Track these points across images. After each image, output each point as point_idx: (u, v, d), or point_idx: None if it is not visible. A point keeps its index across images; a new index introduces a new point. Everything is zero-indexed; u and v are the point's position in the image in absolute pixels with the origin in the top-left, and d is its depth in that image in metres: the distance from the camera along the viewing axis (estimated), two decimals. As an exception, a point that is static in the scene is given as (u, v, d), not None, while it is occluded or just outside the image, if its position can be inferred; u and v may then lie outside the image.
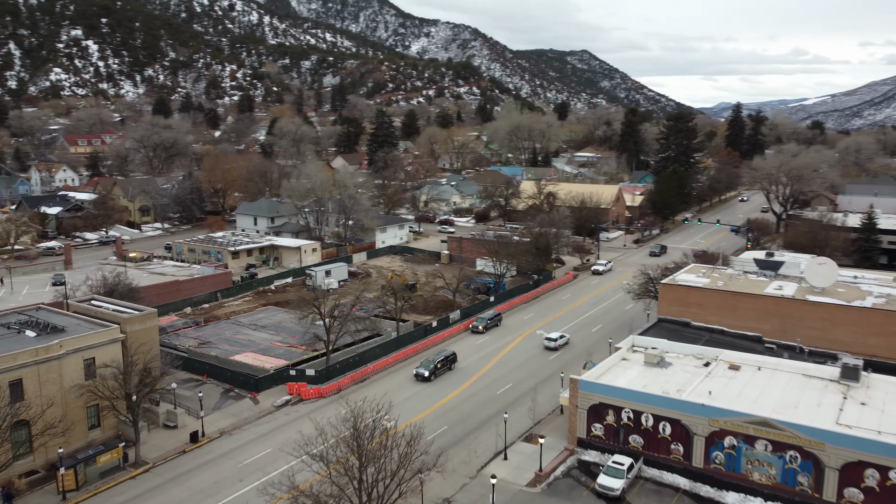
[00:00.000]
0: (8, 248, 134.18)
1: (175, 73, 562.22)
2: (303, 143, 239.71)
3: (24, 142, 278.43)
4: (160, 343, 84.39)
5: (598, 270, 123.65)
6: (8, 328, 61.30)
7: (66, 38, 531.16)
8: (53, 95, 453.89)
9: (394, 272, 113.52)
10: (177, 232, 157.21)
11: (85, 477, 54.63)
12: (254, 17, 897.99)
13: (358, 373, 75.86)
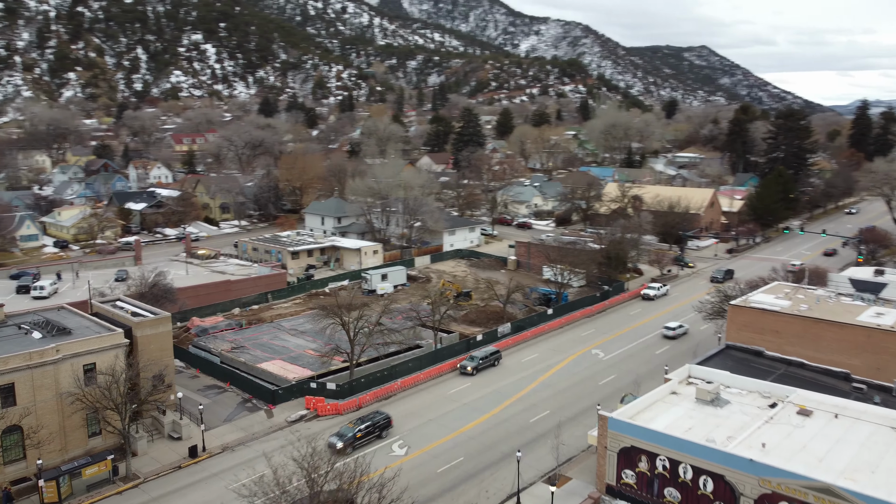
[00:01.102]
0: (92, 242, 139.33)
1: (285, 74, 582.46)
2: (390, 142, 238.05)
3: (137, 140, 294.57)
4: (195, 345, 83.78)
5: (648, 295, 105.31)
6: (19, 328, 60.30)
7: (187, 42, 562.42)
8: (172, 97, 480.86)
9: (446, 279, 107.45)
10: (253, 230, 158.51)
11: (71, 489, 52.20)
12: (364, 18, 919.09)
13: (383, 389, 70.45)
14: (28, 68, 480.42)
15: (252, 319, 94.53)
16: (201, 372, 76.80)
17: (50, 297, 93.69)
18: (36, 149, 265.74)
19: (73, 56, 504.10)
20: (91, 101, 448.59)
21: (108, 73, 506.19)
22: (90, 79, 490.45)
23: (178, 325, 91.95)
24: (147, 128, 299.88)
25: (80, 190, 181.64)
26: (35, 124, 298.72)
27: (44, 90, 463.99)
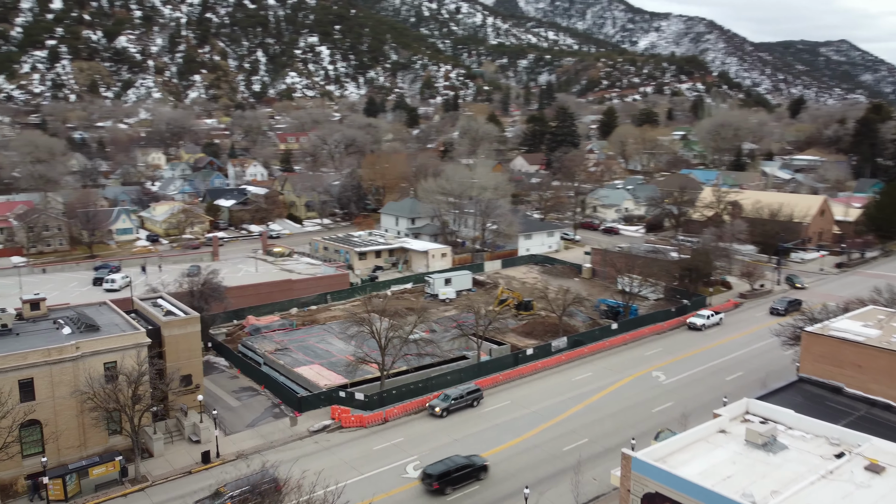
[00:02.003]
0: (180, 237, 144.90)
1: (394, 74, 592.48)
2: (484, 142, 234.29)
3: (246, 139, 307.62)
4: (243, 344, 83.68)
5: (695, 325, 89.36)
6: (53, 323, 61.55)
7: (303, 44, 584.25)
8: (286, 97, 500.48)
9: (505, 287, 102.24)
10: (334, 228, 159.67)
11: (79, 488, 52.23)
12: (478, 18, 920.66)
13: (414, 402, 66.80)
14: (159, 71, 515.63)
15: (307, 320, 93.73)
16: (242, 373, 76.34)
17: (120, 291, 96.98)
18: (155, 146, 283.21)
19: (200, 59, 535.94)
20: (212, 102, 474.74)
21: (229, 75, 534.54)
22: (213, 81, 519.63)
23: (234, 323, 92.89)
24: (255, 127, 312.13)
25: (182, 186, 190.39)
26: (157, 124, 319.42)
27: (171, 92, 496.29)
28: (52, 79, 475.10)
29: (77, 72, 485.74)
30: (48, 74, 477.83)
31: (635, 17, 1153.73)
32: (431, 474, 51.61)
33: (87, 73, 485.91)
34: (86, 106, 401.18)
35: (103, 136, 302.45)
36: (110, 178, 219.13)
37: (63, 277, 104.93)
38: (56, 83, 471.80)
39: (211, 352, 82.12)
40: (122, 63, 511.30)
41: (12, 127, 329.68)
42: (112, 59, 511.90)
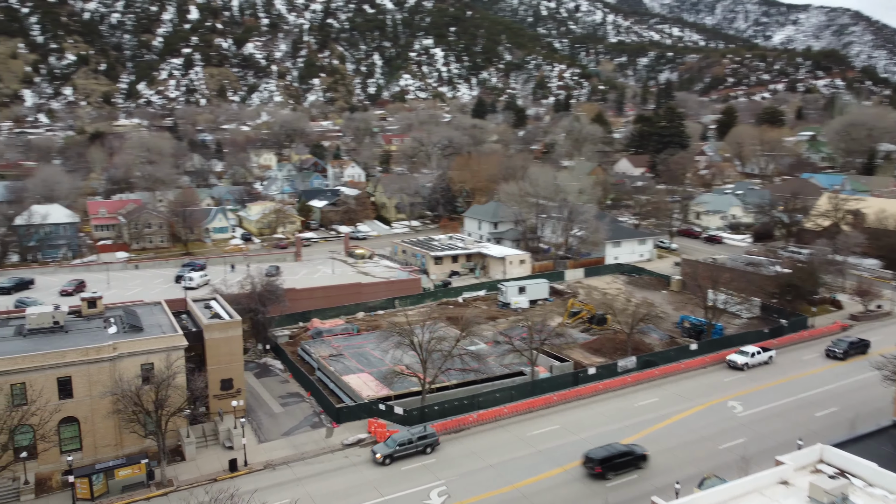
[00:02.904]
0: (271, 236, 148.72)
1: (507, 75, 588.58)
2: (587, 143, 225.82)
3: (354, 140, 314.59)
4: (302, 348, 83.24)
5: (735, 363, 75.76)
6: (104, 321, 63.11)
7: (418, 47, 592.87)
8: (399, 99, 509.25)
9: (576, 299, 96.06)
10: (422, 230, 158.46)
11: (106, 488, 52.75)
12: (597, 16, 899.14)
13: (455, 420, 63.14)
14: (282, 76, 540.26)
15: (371, 325, 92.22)
16: (294, 377, 75.72)
17: (198, 289, 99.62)
18: (269, 148, 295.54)
19: (319, 63, 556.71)
20: (329, 105, 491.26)
21: (346, 79, 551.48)
22: (331, 84, 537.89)
23: (299, 325, 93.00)
24: (363, 129, 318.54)
25: (283, 186, 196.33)
26: (273, 126, 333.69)
27: (292, 95, 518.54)
28: (186, 84, 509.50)
29: (208, 77, 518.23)
30: (182, 80, 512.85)
31: (770, 10, 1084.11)
32: (594, 458, 53.08)
33: (216, 79, 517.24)
34: (213, 109, 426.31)
35: (225, 137, 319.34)
36: (223, 179, 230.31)
37: (151, 274, 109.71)
38: (189, 88, 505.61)
39: (269, 354, 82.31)
40: (249, 68, 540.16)
41: (148, 129, 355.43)
42: (240, 65, 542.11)
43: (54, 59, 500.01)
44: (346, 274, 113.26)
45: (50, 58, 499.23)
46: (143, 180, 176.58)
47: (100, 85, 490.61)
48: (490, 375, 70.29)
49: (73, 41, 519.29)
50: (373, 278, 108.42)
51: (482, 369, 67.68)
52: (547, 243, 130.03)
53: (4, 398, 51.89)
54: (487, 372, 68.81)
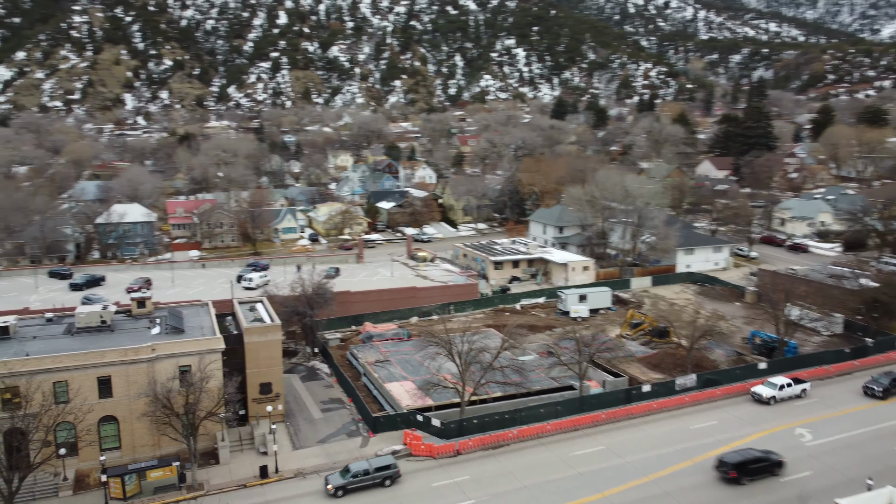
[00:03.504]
0: (337, 237, 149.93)
1: (590, 74, 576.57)
2: (666, 144, 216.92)
3: (429, 142, 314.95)
4: (350, 352, 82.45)
5: (760, 396, 66.92)
6: (149, 321, 64.10)
7: (500, 47, 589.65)
8: (479, 100, 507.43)
9: (635, 310, 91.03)
10: (488, 234, 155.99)
11: (139, 489, 53.24)
12: (688, 13, 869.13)
13: (493, 436, 60.50)
14: (364, 78, 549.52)
15: (423, 331, 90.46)
16: (338, 382, 74.98)
17: (257, 289, 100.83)
18: (346, 149, 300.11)
19: (401, 65, 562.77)
20: (409, 106, 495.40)
21: (428, 80, 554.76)
22: (412, 86, 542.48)
23: (351, 329, 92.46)
24: (439, 130, 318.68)
25: (354, 187, 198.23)
26: (353, 128, 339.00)
27: (373, 97, 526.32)
28: (273, 87, 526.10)
29: (294, 80, 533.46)
30: (270, 83, 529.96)
31: (879, 2, 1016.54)
32: (728, 462, 52.70)
33: (302, 82, 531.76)
34: (297, 111, 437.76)
35: (306, 139, 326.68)
36: (300, 179, 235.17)
37: (216, 273, 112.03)
38: (275, 91, 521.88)
39: (317, 357, 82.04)
40: (333, 71, 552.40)
41: (236, 131, 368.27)
42: (324, 67, 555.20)
43: (153, 64, 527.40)
44: (405, 277, 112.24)
45: (149, 63, 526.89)
46: (222, 181, 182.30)
47: (193, 88, 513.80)
48: (533, 389, 67.17)
49: (170, 47, 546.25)
50: (429, 282, 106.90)
51: (523, 383, 64.53)
52: (615, 249, 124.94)
53: (47, 395, 53.08)
54: (528, 386, 65.56)
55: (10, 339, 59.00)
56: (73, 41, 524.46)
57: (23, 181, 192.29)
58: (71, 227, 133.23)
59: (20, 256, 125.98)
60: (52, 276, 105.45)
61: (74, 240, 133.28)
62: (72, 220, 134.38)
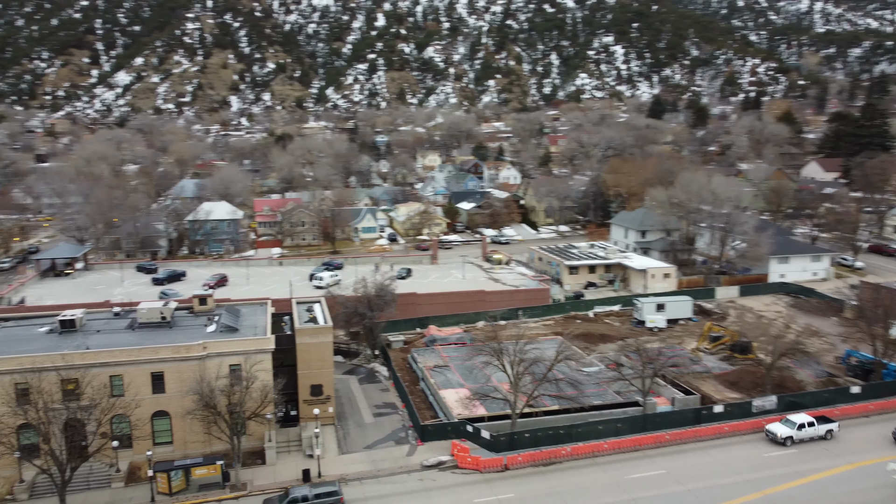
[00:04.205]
0: (415, 237, 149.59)
1: (693, 71, 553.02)
2: (768, 144, 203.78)
3: (517, 142, 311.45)
4: (411, 356, 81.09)
5: (774, 436, 59.01)
6: (208, 318, 65.04)
7: (597, 45, 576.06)
8: (574, 99, 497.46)
9: (715, 322, 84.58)
10: (570, 236, 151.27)
11: (186, 485, 53.88)
12: (803, 4, 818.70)
13: (545, 452, 57.37)
14: (458, 78, 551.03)
15: (487, 336, 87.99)
16: (395, 386, 73.80)
17: (327, 288, 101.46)
18: (435, 149, 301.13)
19: (495, 65, 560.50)
20: (502, 106, 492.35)
21: (522, 79, 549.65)
22: (506, 85, 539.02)
23: (416, 331, 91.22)
24: (529, 130, 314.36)
25: (437, 188, 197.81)
26: (443, 128, 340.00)
27: (467, 97, 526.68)
28: (369, 88, 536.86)
29: (389, 81, 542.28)
30: (366, 85, 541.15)
31: None
32: None
33: (397, 83, 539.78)
34: (391, 112, 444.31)
35: (397, 139, 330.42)
36: (387, 179, 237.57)
37: (292, 271, 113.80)
38: (371, 92, 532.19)
39: (378, 359, 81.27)
40: (428, 72, 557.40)
41: (332, 132, 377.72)
42: (419, 68, 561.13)
43: (257, 67, 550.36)
44: (477, 280, 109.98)
45: (254, 67, 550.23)
46: (310, 181, 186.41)
47: (294, 90, 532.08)
48: (592, 403, 63.35)
49: (273, 51, 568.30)
50: (500, 286, 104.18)
51: (577, 397, 60.88)
52: (703, 255, 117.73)
53: (103, 388, 54.54)
54: (582, 400, 61.66)
55: (77, 331, 61.28)
56: (186, 47, 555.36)
57: (131, 179, 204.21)
58: (164, 223, 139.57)
59: (116, 251, 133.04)
60: (139, 270, 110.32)
61: (167, 235, 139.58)
62: (164, 216, 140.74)
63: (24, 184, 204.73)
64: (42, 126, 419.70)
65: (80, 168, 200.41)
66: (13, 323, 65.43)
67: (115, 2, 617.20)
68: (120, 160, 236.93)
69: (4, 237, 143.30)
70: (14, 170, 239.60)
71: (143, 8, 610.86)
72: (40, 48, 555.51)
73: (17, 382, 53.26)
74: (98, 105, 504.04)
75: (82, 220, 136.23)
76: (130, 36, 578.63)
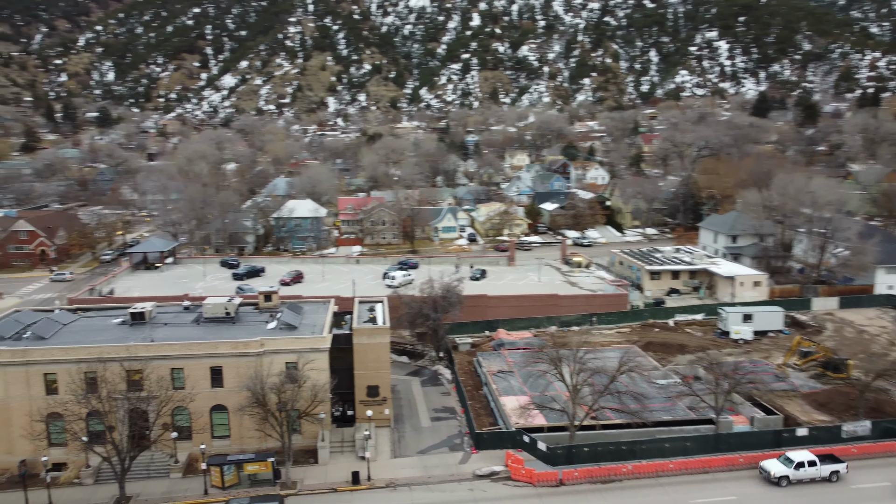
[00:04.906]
0: (495, 238, 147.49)
1: (804, 67, 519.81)
2: (884, 143, 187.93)
3: (613, 141, 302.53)
4: (477, 359, 79.30)
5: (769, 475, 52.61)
6: (270, 315, 65.70)
7: (699, 40, 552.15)
8: (674, 97, 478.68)
9: (804, 337, 77.62)
10: (657, 240, 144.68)
11: (238, 479, 54.45)
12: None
13: (604, 468, 54.18)
14: (552, 77, 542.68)
15: (559, 342, 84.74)
16: (456, 390, 72.24)
17: (399, 287, 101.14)
18: (524, 149, 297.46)
19: (591, 63, 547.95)
20: (597, 105, 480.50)
21: (619, 77, 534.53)
22: (602, 83, 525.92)
23: (485, 334, 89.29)
24: (623, 129, 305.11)
25: (523, 187, 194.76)
26: (533, 127, 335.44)
27: (560, 96, 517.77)
28: (462, 88, 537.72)
29: (482, 81, 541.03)
30: (459, 84, 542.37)
31: None
32: None
33: (490, 82, 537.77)
34: (483, 111, 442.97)
35: (488, 138, 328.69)
36: (474, 179, 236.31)
37: (367, 269, 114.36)
38: (464, 92, 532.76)
39: (442, 362, 79.96)
40: (521, 71, 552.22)
41: (424, 131, 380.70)
42: (513, 67, 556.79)
43: (354, 69, 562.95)
44: (552, 283, 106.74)
45: (351, 68, 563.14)
46: (396, 180, 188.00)
47: (388, 91, 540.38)
48: (659, 419, 59.43)
49: (370, 52, 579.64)
50: (576, 290, 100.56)
51: (639, 412, 57.06)
52: (800, 263, 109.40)
53: (165, 380, 55.94)
54: (644, 416, 57.64)
55: (145, 324, 63.34)
56: (287, 50, 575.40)
57: (228, 178, 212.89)
58: (251, 220, 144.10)
59: (206, 246, 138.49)
60: (222, 265, 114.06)
61: (254, 232, 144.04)
62: (252, 213, 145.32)
63: (132, 181, 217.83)
64: (155, 127, 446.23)
65: (181, 166, 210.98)
66: (93, 313, 68.57)
67: (225, 8, 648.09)
68: (220, 159, 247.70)
69: (108, 231, 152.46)
70: (125, 168, 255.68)
71: (250, 14, 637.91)
72: (156, 53, 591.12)
73: (86, 371, 55.38)
74: (205, 107, 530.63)
75: (177, 215, 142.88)
76: (237, 40, 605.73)
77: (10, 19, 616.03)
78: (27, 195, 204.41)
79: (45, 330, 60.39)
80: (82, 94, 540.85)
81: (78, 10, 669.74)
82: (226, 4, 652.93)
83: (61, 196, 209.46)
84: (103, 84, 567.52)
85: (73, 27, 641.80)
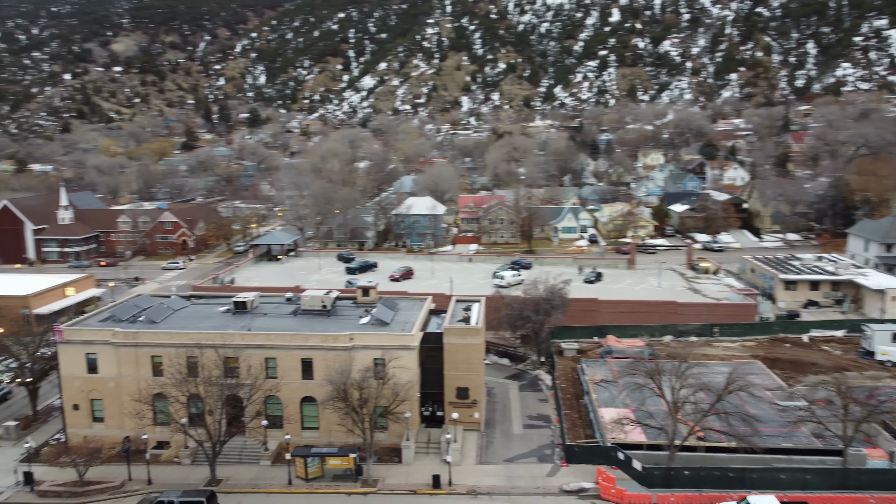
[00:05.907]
0: (618, 240, 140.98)
1: None
2: None
3: (756, 140, 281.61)
4: (581, 367, 75.20)
5: None
6: (365, 310, 65.60)
7: (865, 29, 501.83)
8: (833, 92, 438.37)
9: None
10: (799, 246, 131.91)
11: (321, 472, 54.57)
12: None
13: (705, 496, 49.02)
14: (695, 72, 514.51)
15: (672, 353, 78.69)
16: (554, 397, 68.76)
17: (509, 287, 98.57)
18: (659, 148, 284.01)
19: (739, 57, 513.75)
20: (745, 101, 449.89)
21: (770, 72, 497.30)
22: (750, 78, 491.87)
23: (593, 340, 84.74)
24: (768, 126, 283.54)
25: (653, 188, 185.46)
26: (672, 125, 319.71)
27: (703, 92, 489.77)
28: (598, 86, 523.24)
29: (620, 78, 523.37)
30: (595, 82, 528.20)
31: None
32: None
33: (628, 79, 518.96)
34: (619, 109, 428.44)
35: (622, 137, 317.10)
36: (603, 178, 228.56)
37: (478, 268, 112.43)
38: (600, 90, 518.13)
39: (544, 367, 76.59)
40: (662, 66, 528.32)
41: (557, 130, 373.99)
42: (653, 63, 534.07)
43: (489, 68, 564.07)
44: (673, 289, 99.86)
45: (485, 67, 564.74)
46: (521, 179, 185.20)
47: (522, 90, 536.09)
48: (774, 446, 52.87)
49: (505, 51, 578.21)
50: (698, 298, 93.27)
51: (746, 436, 50.72)
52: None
53: (260, 369, 57.12)
54: (751, 441, 51.05)
55: (247, 313, 65.27)
56: (424, 51, 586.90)
57: (358, 175, 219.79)
58: (372, 216, 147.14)
59: (328, 240, 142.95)
60: (338, 259, 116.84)
61: (375, 228, 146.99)
62: (374, 210, 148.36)
63: (271, 178, 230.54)
64: (299, 126, 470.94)
65: (315, 164, 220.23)
66: (203, 301, 71.80)
67: (367, 12, 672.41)
68: (352, 157, 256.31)
69: (243, 224, 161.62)
70: (266, 165, 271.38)
71: (391, 17, 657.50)
72: (303, 57, 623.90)
73: (189, 356, 57.64)
74: (346, 107, 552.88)
75: (304, 210, 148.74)
76: (378, 43, 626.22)
77: (179, 29, 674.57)
78: (180, 189, 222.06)
79: (157, 314, 63.76)
80: (237, 96, 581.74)
81: (237, 19, 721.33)
82: (369, 8, 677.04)
83: (208, 190, 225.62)
84: (255, 87, 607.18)
85: (232, 35, 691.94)
